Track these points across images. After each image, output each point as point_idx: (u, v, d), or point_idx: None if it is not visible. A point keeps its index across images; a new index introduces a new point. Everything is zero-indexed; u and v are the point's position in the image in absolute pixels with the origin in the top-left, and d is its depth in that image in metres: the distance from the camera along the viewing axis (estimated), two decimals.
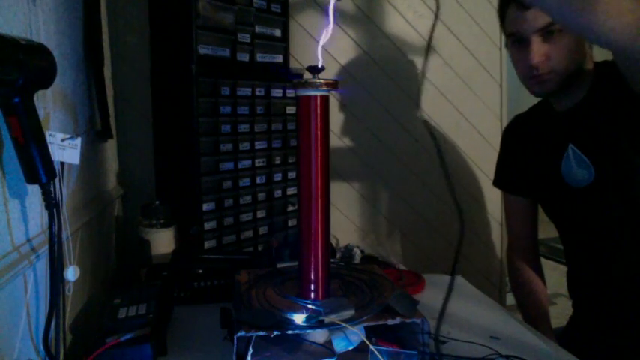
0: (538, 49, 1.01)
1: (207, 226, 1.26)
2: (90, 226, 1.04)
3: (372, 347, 0.72)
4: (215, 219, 1.28)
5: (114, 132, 1.32)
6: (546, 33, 1.00)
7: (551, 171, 1.15)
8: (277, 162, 1.43)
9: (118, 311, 0.85)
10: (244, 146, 1.33)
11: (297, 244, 0.84)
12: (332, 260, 1.10)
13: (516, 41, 1.05)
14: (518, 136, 1.27)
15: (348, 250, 1.43)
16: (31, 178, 0.63)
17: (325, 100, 0.78)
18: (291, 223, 1.50)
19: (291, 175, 1.47)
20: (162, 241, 1.21)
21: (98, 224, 1.14)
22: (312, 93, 0.77)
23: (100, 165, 1.22)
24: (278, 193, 1.45)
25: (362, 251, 1.42)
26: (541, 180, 1.20)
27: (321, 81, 0.76)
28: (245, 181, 1.35)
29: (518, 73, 1.09)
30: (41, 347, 0.71)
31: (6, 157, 0.65)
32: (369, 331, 0.77)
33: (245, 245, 1.37)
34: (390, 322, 0.75)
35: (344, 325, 0.73)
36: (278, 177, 1.44)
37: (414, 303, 0.79)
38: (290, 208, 1.49)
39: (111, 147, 1.36)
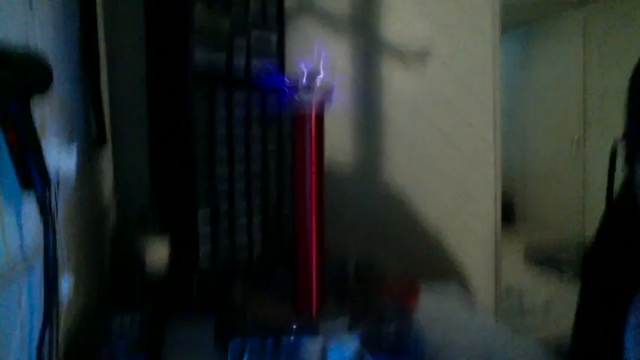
0: None
1: (202, 231, 1.24)
2: (84, 234, 1.03)
3: (365, 353, 0.71)
4: (210, 225, 1.26)
5: (109, 138, 1.31)
6: None
7: None
8: (273, 167, 1.42)
9: (113, 319, 0.84)
10: (239, 152, 1.32)
11: (292, 260, 0.83)
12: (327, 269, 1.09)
13: None
14: None
15: (343, 259, 1.42)
16: (26, 184, 0.63)
17: (319, 117, 0.77)
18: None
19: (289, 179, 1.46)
20: (157, 250, 1.19)
21: (93, 232, 1.13)
22: (305, 111, 0.77)
23: (95, 172, 1.21)
24: (274, 201, 1.44)
25: (357, 261, 1.41)
26: None
27: (315, 98, 0.76)
28: (241, 186, 1.33)
29: None
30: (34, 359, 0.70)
31: (2, 165, 0.64)
32: (364, 342, 0.76)
33: (240, 251, 1.35)
34: (385, 329, 0.74)
35: (339, 329, 0.72)
36: (273, 182, 1.43)
37: (409, 312, 0.78)
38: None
39: (106, 153, 1.35)
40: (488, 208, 1.87)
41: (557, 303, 2.64)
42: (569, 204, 3.74)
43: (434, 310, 1.02)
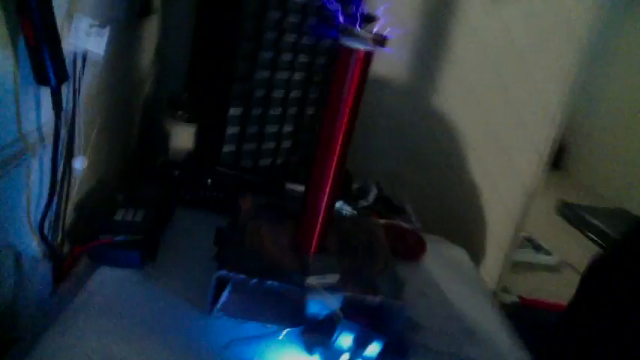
0: None
1: (229, 130, 1.23)
2: (114, 108, 1.02)
3: (341, 318, 0.72)
4: (239, 124, 1.24)
5: (157, 10, 1.25)
6: None
7: None
8: (317, 79, 1.36)
9: (117, 211, 0.86)
10: (286, 56, 1.25)
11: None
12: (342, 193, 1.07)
13: None
14: None
15: (366, 186, 1.39)
16: (40, 79, 0.61)
17: (366, 59, 0.70)
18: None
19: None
20: (183, 136, 1.20)
21: (123, 106, 1.12)
22: (354, 46, 0.69)
23: (134, 46, 1.17)
24: (311, 110, 1.39)
25: (379, 190, 1.38)
26: None
27: (369, 35, 0.68)
28: (279, 92, 1.29)
29: None
30: (38, 232, 0.74)
31: (21, 45, 0.61)
32: (344, 308, 0.76)
33: (264, 155, 1.34)
34: (370, 299, 0.75)
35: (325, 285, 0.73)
36: (314, 94, 1.37)
37: (401, 286, 0.78)
38: None
39: (152, 27, 1.29)
40: (533, 165, 1.74)
41: (567, 265, 2.63)
42: (622, 175, 3.58)
43: (433, 276, 1.00)
